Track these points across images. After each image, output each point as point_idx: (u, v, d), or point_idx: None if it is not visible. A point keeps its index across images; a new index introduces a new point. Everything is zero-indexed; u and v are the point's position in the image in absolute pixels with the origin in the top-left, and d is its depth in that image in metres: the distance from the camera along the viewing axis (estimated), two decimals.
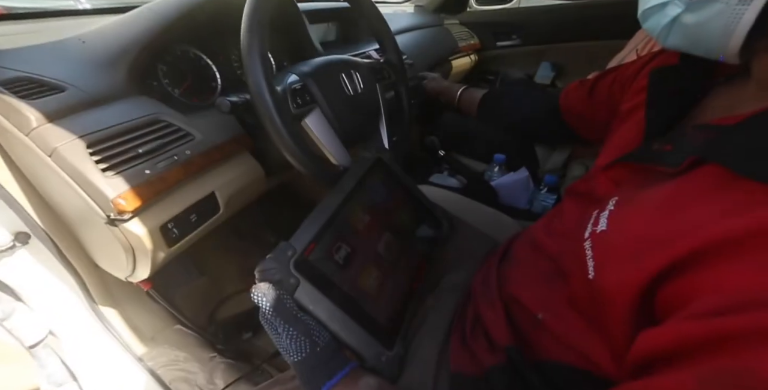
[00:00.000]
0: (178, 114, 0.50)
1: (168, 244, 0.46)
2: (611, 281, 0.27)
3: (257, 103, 0.41)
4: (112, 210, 0.39)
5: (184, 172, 0.45)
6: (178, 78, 0.58)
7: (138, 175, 0.41)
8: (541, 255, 0.42)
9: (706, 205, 0.23)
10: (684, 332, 0.20)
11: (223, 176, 0.53)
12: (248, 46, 0.41)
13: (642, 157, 0.31)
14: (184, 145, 0.47)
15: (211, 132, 0.51)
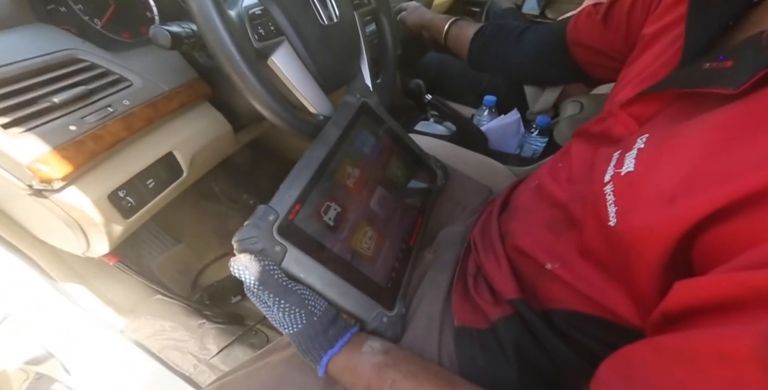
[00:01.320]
0: (105, 52, 0.39)
1: (124, 215, 0.39)
2: (639, 228, 0.24)
3: (207, 36, 0.31)
4: (33, 178, 0.30)
5: (126, 127, 0.36)
6: (95, 3, 0.45)
7: (59, 132, 0.31)
8: (547, 203, 0.39)
9: (750, 146, 0.19)
10: (737, 284, 0.17)
11: (181, 132, 0.44)
12: None
13: (687, 81, 0.26)
14: (120, 94, 0.37)
15: (155, 77, 0.41)
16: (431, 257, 0.47)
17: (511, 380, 0.33)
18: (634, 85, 0.34)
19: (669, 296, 0.20)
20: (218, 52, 0.32)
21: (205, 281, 0.83)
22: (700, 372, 0.16)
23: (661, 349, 0.19)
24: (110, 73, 0.37)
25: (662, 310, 0.20)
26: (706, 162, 0.21)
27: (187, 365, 0.61)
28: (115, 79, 0.37)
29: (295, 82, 0.41)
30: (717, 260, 0.19)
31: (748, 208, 0.19)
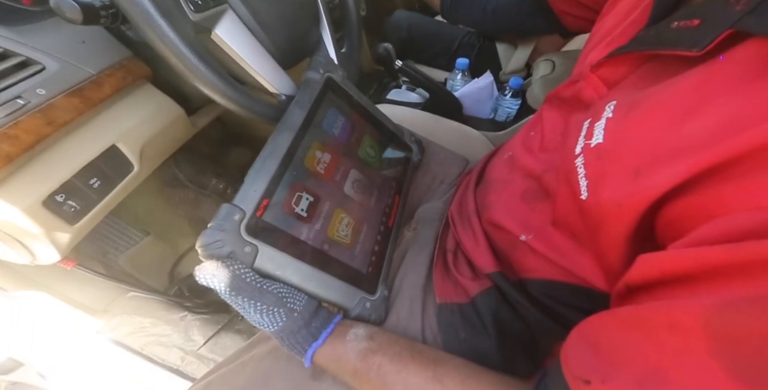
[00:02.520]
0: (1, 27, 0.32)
1: (68, 221, 0.35)
2: (608, 202, 0.23)
3: (128, 9, 0.26)
4: None
5: (47, 122, 0.31)
6: None
7: None
8: (520, 174, 0.38)
9: (745, 98, 0.18)
10: (691, 259, 0.17)
11: (123, 122, 0.39)
12: None
13: (655, 41, 0.24)
14: (30, 81, 0.31)
15: (75, 57, 0.34)
16: (411, 235, 0.47)
17: (491, 349, 0.34)
18: (603, 46, 0.32)
19: (632, 269, 0.20)
20: (145, 29, 0.26)
21: (184, 271, 0.80)
22: (654, 340, 0.17)
23: (621, 318, 0.20)
24: (11, 54, 0.31)
25: (626, 281, 0.21)
26: (669, 132, 0.20)
27: (174, 358, 0.60)
28: (20, 62, 0.31)
29: (246, 58, 0.36)
30: (676, 235, 0.19)
31: (705, 182, 0.18)
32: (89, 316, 0.62)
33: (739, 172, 0.17)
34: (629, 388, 0.18)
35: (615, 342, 0.20)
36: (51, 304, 0.59)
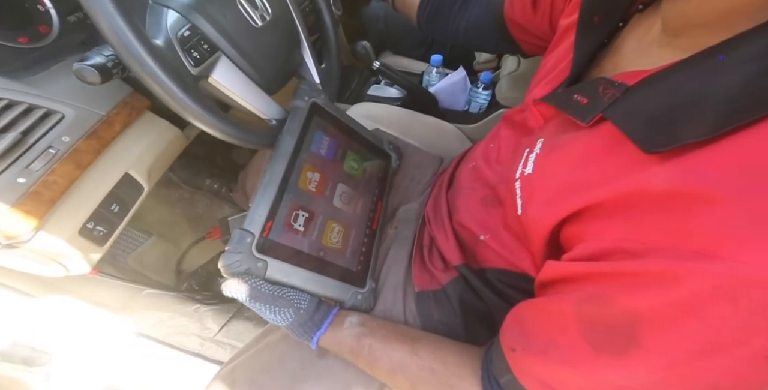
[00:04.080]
0: (14, 82, 0.36)
1: (98, 243, 0.41)
2: (532, 220, 0.31)
3: (138, 74, 0.30)
4: (1, 237, 0.31)
5: (76, 165, 0.36)
6: None
7: (10, 188, 0.31)
8: (481, 183, 0.46)
9: (603, 165, 0.26)
10: (568, 270, 0.26)
11: (132, 151, 0.44)
12: None
13: (563, 103, 0.31)
14: (56, 130, 0.35)
15: (86, 101, 0.38)
16: (393, 233, 0.55)
17: (459, 325, 0.43)
18: (544, 84, 0.39)
19: (541, 271, 0.29)
20: (156, 89, 0.31)
21: (188, 267, 0.87)
22: (549, 322, 0.26)
23: (534, 306, 0.29)
24: (35, 107, 0.35)
25: (539, 278, 0.30)
26: (567, 176, 0.28)
27: (194, 345, 0.68)
28: (44, 113, 0.35)
29: (239, 94, 0.41)
30: (567, 249, 0.27)
31: (580, 217, 0.26)
32: (110, 313, 0.69)
33: (596, 214, 0.25)
34: (537, 353, 0.27)
35: (530, 322, 0.29)
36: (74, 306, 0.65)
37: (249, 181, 0.81)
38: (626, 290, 0.21)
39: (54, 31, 0.44)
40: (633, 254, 0.21)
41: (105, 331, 0.67)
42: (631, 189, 0.22)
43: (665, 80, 0.23)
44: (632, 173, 0.23)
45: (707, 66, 0.21)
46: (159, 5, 0.35)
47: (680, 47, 0.24)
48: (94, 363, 0.67)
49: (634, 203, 0.22)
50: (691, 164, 0.20)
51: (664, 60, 0.24)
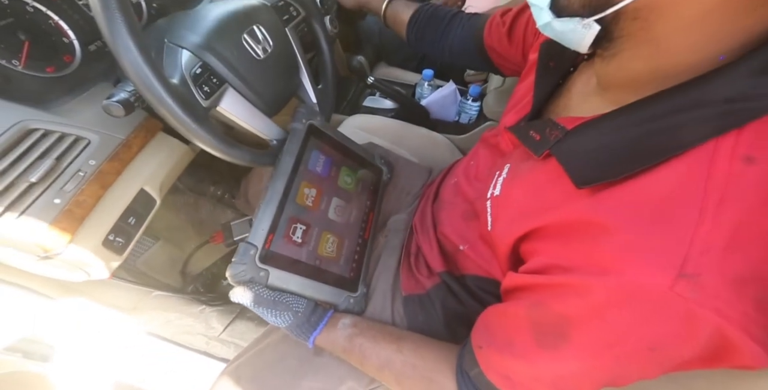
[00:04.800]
0: (47, 113, 0.40)
1: (118, 253, 0.46)
2: (498, 236, 0.37)
3: (156, 106, 0.35)
4: (38, 251, 0.36)
5: (101, 185, 0.41)
6: (7, 43, 0.42)
7: (48, 208, 0.36)
8: (461, 198, 0.51)
9: (549, 193, 0.31)
10: (519, 280, 0.32)
11: (146, 169, 0.49)
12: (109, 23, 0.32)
13: (522, 136, 0.36)
14: (83, 154, 0.40)
15: (108, 127, 0.43)
16: (384, 241, 0.60)
17: (440, 326, 0.48)
18: (513, 113, 0.44)
19: (504, 280, 0.34)
20: (172, 122, 0.36)
21: (193, 270, 0.92)
22: (508, 324, 0.32)
23: (498, 310, 0.34)
24: (66, 135, 0.40)
25: (502, 287, 0.35)
26: (524, 201, 0.33)
27: (200, 343, 0.73)
28: (73, 140, 0.40)
29: (244, 120, 0.46)
30: (525, 262, 0.32)
31: (531, 236, 0.32)
32: (122, 313, 0.74)
33: (542, 235, 0.30)
34: (498, 349, 0.32)
35: (493, 323, 0.34)
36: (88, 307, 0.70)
37: (251, 188, 0.86)
38: (558, 298, 0.26)
39: (77, 60, 0.49)
40: (563, 269, 0.26)
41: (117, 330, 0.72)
42: (564, 216, 0.27)
43: (592, 129, 0.28)
44: (567, 203, 0.28)
45: (619, 122, 0.26)
46: (174, 45, 0.40)
47: (608, 100, 0.29)
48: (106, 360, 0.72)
49: (566, 228, 0.27)
50: (602, 199, 0.25)
51: (596, 109, 0.28)
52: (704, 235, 0.21)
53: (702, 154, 0.22)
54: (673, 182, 0.23)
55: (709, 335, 0.21)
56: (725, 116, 0.22)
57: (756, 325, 0.20)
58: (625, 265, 0.23)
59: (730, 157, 0.21)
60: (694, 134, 0.22)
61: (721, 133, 0.22)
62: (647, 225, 0.23)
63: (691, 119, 0.23)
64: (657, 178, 0.23)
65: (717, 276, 0.20)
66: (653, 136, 0.24)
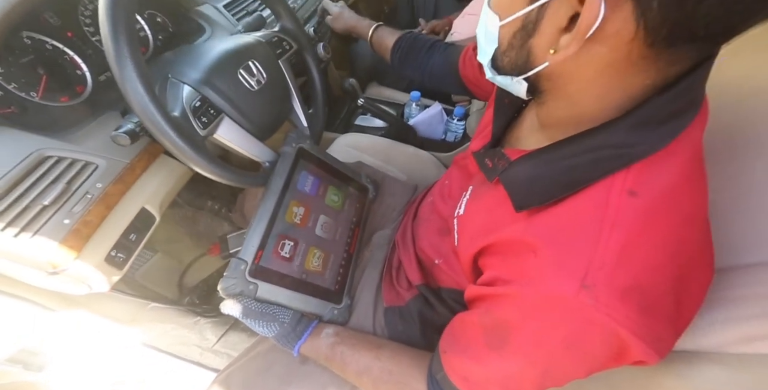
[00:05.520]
0: (60, 141, 0.45)
1: (118, 267, 0.50)
2: (462, 251, 0.41)
3: (158, 137, 0.40)
4: (48, 267, 0.40)
5: (106, 206, 0.45)
6: (27, 77, 0.48)
7: (58, 228, 0.40)
8: (436, 216, 0.55)
9: (498, 214, 0.35)
10: (475, 291, 0.35)
11: (147, 189, 0.53)
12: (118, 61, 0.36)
13: (480, 163, 0.40)
14: (92, 178, 0.44)
15: (113, 152, 0.48)
16: (369, 255, 0.64)
17: (418, 335, 0.52)
18: (477, 140, 0.48)
19: (465, 292, 0.38)
20: (174, 151, 0.41)
21: (190, 282, 0.95)
22: (466, 330, 0.36)
23: (460, 318, 0.38)
24: (77, 161, 0.44)
25: (465, 297, 0.38)
26: (481, 221, 0.38)
27: (194, 354, 0.76)
28: (83, 165, 0.44)
29: (238, 145, 0.50)
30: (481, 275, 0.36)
31: (484, 252, 0.36)
32: (120, 325, 0.77)
33: (492, 251, 0.34)
34: (458, 353, 0.36)
35: (455, 330, 0.38)
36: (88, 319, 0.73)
37: (247, 202, 0.90)
38: (500, 306, 0.31)
39: (88, 90, 0.54)
40: (504, 281, 0.31)
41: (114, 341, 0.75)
42: (507, 235, 0.32)
43: (529, 161, 0.32)
44: (510, 224, 0.32)
45: (549, 156, 0.31)
46: (177, 81, 0.45)
47: (546, 136, 0.34)
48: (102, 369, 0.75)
49: (507, 246, 0.32)
50: (533, 222, 0.30)
51: (537, 143, 0.33)
52: (600, 255, 0.25)
53: (602, 187, 0.27)
54: (581, 210, 0.28)
55: (607, 335, 0.26)
56: (617, 158, 0.27)
57: (640, 326, 0.25)
58: (545, 276, 0.27)
59: (619, 191, 0.26)
60: (599, 170, 0.27)
61: (616, 170, 0.27)
62: (562, 244, 0.27)
63: (596, 158, 0.28)
64: (571, 206, 0.28)
65: (608, 287, 0.25)
66: (572, 170, 0.28)
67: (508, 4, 0.26)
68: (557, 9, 0.23)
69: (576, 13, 0.22)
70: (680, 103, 0.26)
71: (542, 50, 0.26)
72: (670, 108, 0.26)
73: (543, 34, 0.25)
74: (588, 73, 0.26)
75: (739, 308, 0.30)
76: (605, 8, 0.21)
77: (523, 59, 0.28)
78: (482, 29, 0.30)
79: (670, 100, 0.26)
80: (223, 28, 0.66)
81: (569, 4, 0.22)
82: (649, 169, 0.27)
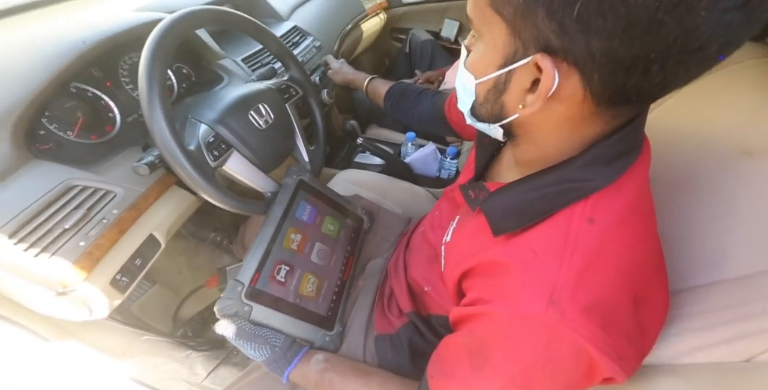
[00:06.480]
0: (86, 172, 0.50)
1: (121, 291, 0.52)
2: (448, 276, 0.43)
3: (174, 167, 0.45)
4: (58, 287, 0.43)
5: (118, 231, 0.49)
6: (67, 119, 0.55)
7: (73, 249, 0.44)
8: (426, 245, 0.58)
9: (478, 240, 0.39)
10: (458, 312, 0.37)
11: (157, 216, 0.57)
12: (150, 105, 0.43)
13: (465, 195, 0.44)
14: (109, 205, 0.49)
15: (131, 182, 0.53)
16: (362, 284, 0.65)
17: (407, 363, 0.52)
18: (464, 174, 0.53)
19: (450, 314, 0.39)
20: (186, 180, 0.46)
21: (185, 314, 0.95)
22: (451, 352, 0.37)
23: (445, 342, 0.39)
24: (98, 190, 0.49)
25: (450, 320, 0.40)
26: (465, 247, 0.41)
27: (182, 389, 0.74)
28: (103, 193, 0.49)
29: (244, 177, 0.55)
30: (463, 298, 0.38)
31: (466, 276, 0.38)
32: (110, 358, 0.76)
33: (473, 274, 0.37)
34: (445, 376, 0.36)
35: (441, 353, 0.39)
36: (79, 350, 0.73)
37: (247, 234, 0.93)
38: (480, 324, 0.33)
39: (116, 129, 0.60)
40: (484, 301, 0.33)
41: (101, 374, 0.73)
42: (487, 258, 0.35)
43: (505, 192, 0.37)
44: (489, 248, 0.35)
45: (521, 188, 0.35)
46: (195, 120, 0.52)
47: (519, 171, 0.39)
48: None
49: (486, 268, 0.35)
50: (508, 245, 0.33)
51: (512, 178, 0.38)
52: (563, 275, 0.28)
53: (565, 215, 0.31)
54: (548, 234, 0.31)
55: (576, 351, 0.27)
56: (576, 190, 0.31)
57: (604, 342, 0.27)
58: (518, 294, 0.30)
59: (579, 218, 0.30)
60: (562, 200, 0.32)
61: (576, 201, 0.31)
62: (532, 265, 0.30)
63: (559, 190, 0.32)
64: (540, 231, 0.32)
65: (572, 303, 0.27)
66: (540, 200, 0.33)
67: (481, 67, 0.31)
68: (522, 74, 0.28)
69: (537, 79, 0.28)
70: (622, 146, 0.31)
71: (512, 105, 0.31)
72: (614, 150, 0.31)
73: (512, 93, 0.30)
74: (551, 123, 0.31)
75: (684, 323, 0.33)
76: (559, 77, 0.26)
77: (498, 111, 0.33)
78: (460, 84, 0.36)
79: (614, 144, 0.31)
80: (239, 77, 0.75)
81: (531, 71, 0.27)
82: (604, 200, 0.31)
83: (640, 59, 0.23)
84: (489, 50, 0.29)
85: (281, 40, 0.64)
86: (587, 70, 0.25)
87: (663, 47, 0.22)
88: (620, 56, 0.23)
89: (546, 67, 0.25)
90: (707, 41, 0.21)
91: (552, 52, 0.25)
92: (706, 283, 0.36)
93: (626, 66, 0.23)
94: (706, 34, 0.21)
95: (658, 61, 0.22)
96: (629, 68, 0.23)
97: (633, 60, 0.23)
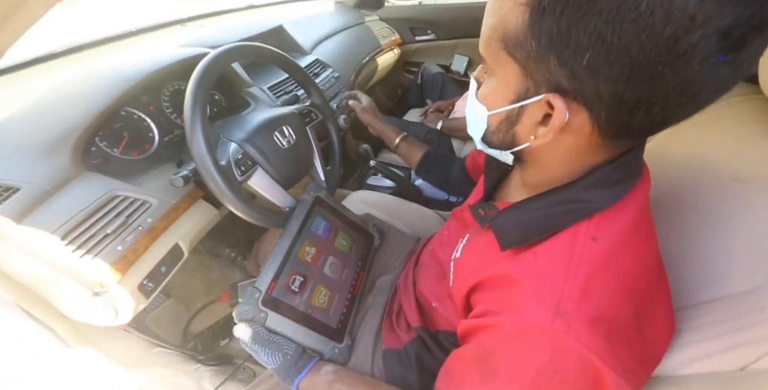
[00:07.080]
0: (128, 184, 0.56)
1: (146, 296, 0.56)
2: (456, 290, 0.45)
3: (206, 179, 0.50)
4: (96, 286, 0.47)
5: (150, 238, 0.53)
6: (114, 138, 0.62)
7: (112, 252, 0.48)
8: (435, 262, 0.60)
9: (487, 255, 0.41)
10: (466, 325, 0.38)
11: (184, 227, 0.62)
12: (192, 124, 0.49)
13: (474, 214, 0.47)
14: (145, 214, 0.54)
15: (165, 194, 0.58)
16: (371, 300, 0.67)
17: (414, 379, 0.52)
18: (473, 195, 0.57)
19: (458, 327, 0.41)
20: (216, 192, 0.51)
21: (195, 328, 0.97)
22: (460, 366, 0.38)
23: (454, 355, 0.40)
24: (137, 200, 0.54)
25: (458, 333, 0.41)
26: (475, 262, 0.43)
27: None
28: (141, 203, 0.55)
29: (266, 192, 0.60)
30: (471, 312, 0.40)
31: (477, 288, 0.40)
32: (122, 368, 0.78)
33: (482, 287, 0.39)
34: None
35: (450, 368, 0.40)
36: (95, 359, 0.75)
37: (261, 251, 0.97)
38: (487, 336, 0.34)
39: (154, 147, 0.67)
40: (492, 313, 0.35)
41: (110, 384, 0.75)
42: (495, 272, 0.37)
43: (514, 211, 0.40)
44: (497, 262, 0.38)
45: (529, 207, 0.38)
46: (227, 140, 0.58)
47: (526, 192, 0.42)
48: None
49: (495, 281, 0.37)
50: (516, 259, 0.36)
51: (519, 198, 0.41)
52: (569, 288, 0.30)
53: (570, 233, 0.34)
54: (555, 250, 0.34)
55: (582, 363, 0.28)
56: (580, 210, 0.34)
57: (608, 354, 0.28)
58: (526, 305, 0.32)
59: (584, 236, 0.33)
60: (567, 219, 0.34)
61: (579, 220, 0.34)
62: (539, 278, 0.33)
63: (564, 210, 0.35)
64: (547, 247, 0.34)
65: (577, 315, 0.29)
66: (546, 218, 0.35)
67: (494, 100, 0.33)
68: (534, 109, 0.30)
69: (548, 113, 0.30)
70: (622, 172, 0.34)
71: (524, 135, 0.33)
72: (615, 175, 0.34)
73: (524, 125, 0.32)
74: (559, 152, 0.34)
75: (685, 336, 0.34)
76: (569, 113, 0.28)
77: (509, 139, 0.36)
78: (471, 112, 0.39)
79: (614, 169, 0.34)
80: (265, 103, 0.83)
81: (542, 107, 0.29)
82: (606, 220, 0.34)
83: (643, 101, 0.25)
84: (501, 87, 0.32)
85: (306, 71, 0.71)
86: (595, 109, 0.28)
87: (663, 92, 0.24)
88: (625, 98, 0.26)
89: (558, 105, 0.28)
90: (701, 89, 0.25)
91: (563, 92, 0.28)
92: (707, 300, 0.37)
93: (630, 107, 0.26)
94: (700, 84, 0.24)
95: (659, 103, 0.25)
96: (633, 109, 0.26)
97: (636, 102, 0.26)
